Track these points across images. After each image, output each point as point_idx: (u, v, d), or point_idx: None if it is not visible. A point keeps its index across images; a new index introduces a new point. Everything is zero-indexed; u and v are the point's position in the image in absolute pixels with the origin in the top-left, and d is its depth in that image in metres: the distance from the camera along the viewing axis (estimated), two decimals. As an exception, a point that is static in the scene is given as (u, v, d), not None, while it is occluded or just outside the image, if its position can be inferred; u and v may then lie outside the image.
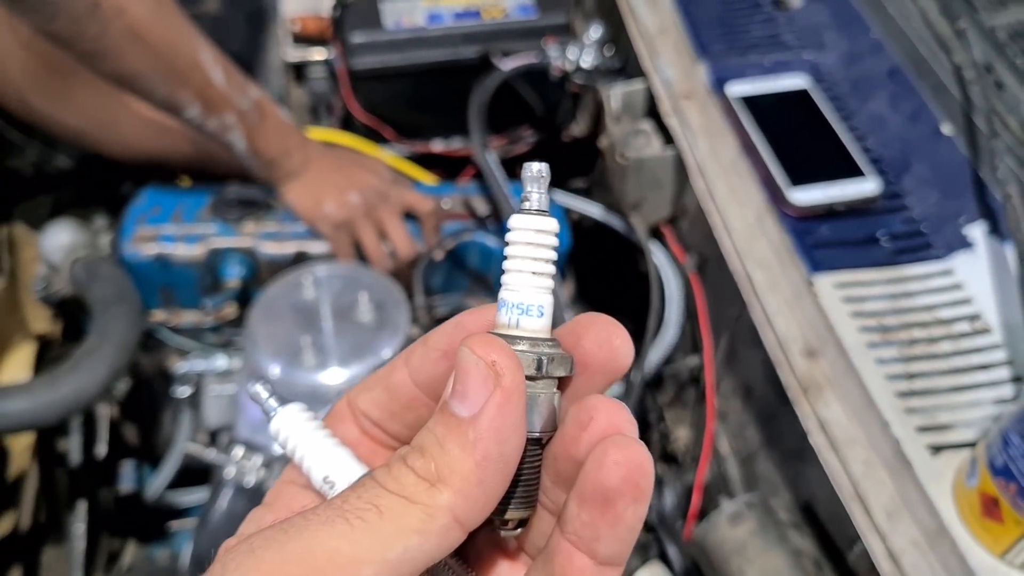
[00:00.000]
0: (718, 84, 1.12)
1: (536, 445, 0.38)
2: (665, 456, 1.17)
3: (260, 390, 0.43)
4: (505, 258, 0.38)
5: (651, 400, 1.19)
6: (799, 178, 0.98)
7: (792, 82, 1.10)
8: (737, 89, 1.09)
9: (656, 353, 1.12)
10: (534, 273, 0.38)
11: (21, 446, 1.28)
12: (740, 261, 0.97)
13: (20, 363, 1.33)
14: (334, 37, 1.49)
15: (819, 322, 0.88)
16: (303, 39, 1.55)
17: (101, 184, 1.53)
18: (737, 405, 1.03)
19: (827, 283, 0.90)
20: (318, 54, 1.55)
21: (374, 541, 0.33)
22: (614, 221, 1.26)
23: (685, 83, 1.14)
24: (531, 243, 0.38)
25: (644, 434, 1.14)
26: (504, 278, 0.38)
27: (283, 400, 0.43)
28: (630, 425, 0.36)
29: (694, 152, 1.08)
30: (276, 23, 1.59)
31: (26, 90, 1.29)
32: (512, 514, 0.38)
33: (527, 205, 0.38)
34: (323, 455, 0.41)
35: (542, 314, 0.38)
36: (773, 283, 0.94)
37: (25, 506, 1.24)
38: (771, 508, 0.90)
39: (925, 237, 0.95)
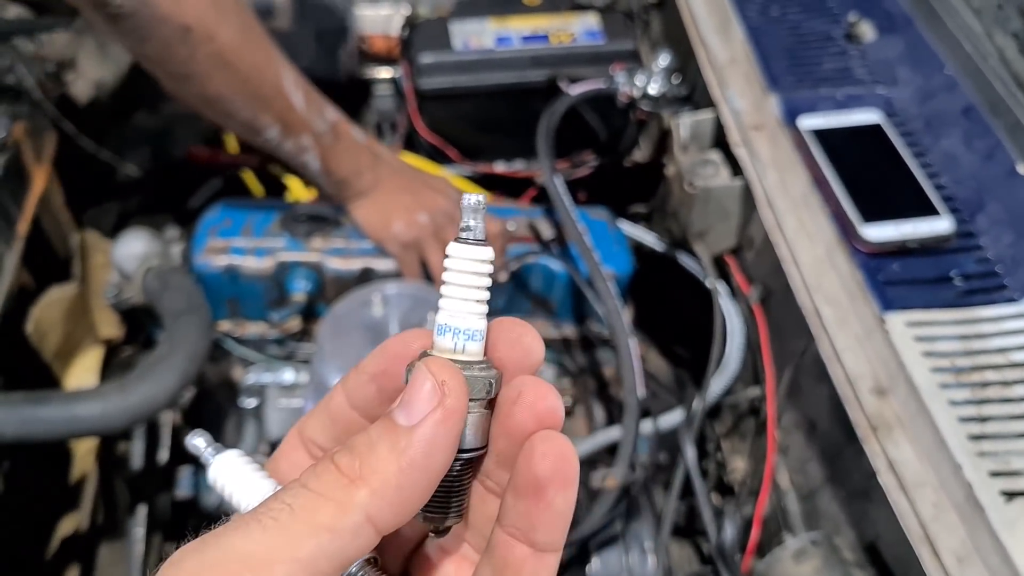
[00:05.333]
0: (789, 116, 1.12)
1: (470, 462, 0.41)
2: (721, 487, 1.17)
3: (199, 441, 0.45)
4: (443, 283, 0.41)
5: (709, 429, 1.19)
6: (871, 214, 0.98)
7: (865, 117, 1.10)
8: (809, 122, 1.09)
9: (718, 383, 1.12)
10: (477, 301, 0.40)
11: (84, 449, 1.31)
12: (808, 295, 0.97)
13: (88, 367, 1.36)
14: (402, 56, 1.51)
15: (890, 360, 0.88)
16: (370, 57, 1.58)
17: (168, 193, 1.56)
18: (799, 440, 1.03)
19: (899, 321, 0.90)
20: (385, 72, 1.57)
21: (285, 540, 0.34)
22: (676, 250, 1.26)
23: (755, 114, 1.15)
24: (472, 272, 0.40)
25: (700, 462, 1.14)
26: (445, 303, 0.40)
27: (220, 448, 0.44)
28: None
29: (763, 184, 1.08)
30: (348, 40, 1.61)
31: None
32: (448, 522, 0.41)
33: (467, 236, 0.40)
34: (259, 497, 0.41)
35: (482, 338, 0.40)
36: (843, 319, 0.94)
37: (85, 508, 1.27)
38: (836, 546, 0.90)
39: (999, 278, 0.94)
